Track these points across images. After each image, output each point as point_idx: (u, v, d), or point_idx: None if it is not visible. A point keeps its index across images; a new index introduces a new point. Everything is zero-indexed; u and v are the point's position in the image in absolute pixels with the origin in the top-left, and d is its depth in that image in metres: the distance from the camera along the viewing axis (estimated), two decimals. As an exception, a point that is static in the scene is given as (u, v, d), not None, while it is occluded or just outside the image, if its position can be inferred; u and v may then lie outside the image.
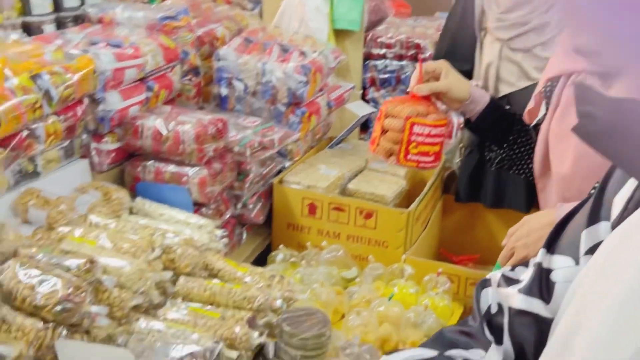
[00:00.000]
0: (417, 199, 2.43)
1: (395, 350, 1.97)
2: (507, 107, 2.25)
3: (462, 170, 2.68)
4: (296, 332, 1.72)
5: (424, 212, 2.51)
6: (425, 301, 2.12)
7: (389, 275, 2.32)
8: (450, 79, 2.05)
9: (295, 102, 2.59)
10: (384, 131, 2.08)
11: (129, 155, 2.19)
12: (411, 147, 2.03)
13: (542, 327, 0.92)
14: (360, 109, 3.03)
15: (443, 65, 2.08)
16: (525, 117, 1.97)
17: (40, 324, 1.44)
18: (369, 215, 2.40)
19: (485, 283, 1.05)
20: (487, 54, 2.42)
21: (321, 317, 1.80)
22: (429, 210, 2.60)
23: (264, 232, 2.53)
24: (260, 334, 1.71)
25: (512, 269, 1.04)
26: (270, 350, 1.75)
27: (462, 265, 2.43)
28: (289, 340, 1.73)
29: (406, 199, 2.65)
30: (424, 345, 1.00)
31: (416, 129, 2.01)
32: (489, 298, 1.01)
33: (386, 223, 2.38)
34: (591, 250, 0.85)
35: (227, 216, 2.27)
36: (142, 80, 2.22)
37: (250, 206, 2.39)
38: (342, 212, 2.43)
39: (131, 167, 2.15)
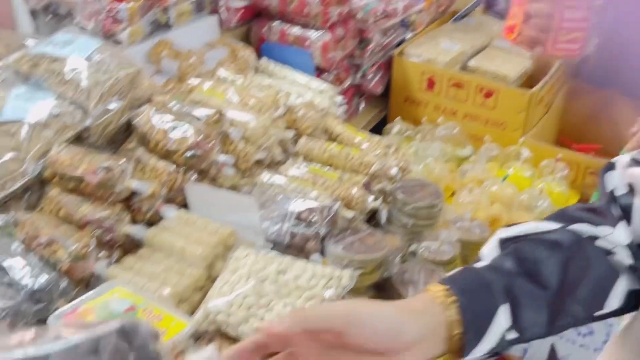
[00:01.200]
0: (542, 81, 2.33)
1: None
2: None
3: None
4: (409, 201, 1.74)
5: (547, 95, 2.41)
6: (540, 185, 2.07)
7: (505, 157, 2.27)
8: None
9: (422, -31, 2.48)
10: (527, 17, 1.94)
11: (256, 15, 2.19)
12: (561, 35, 1.87)
13: None
14: (490, -17, 2.86)
15: None
16: None
17: (172, 167, 1.52)
18: (489, 94, 2.33)
19: (611, 166, 0.99)
20: None
21: (434, 189, 1.81)
22: (553, 93, 2.48)
23: (380, 103, 2.51)
24: (375, 199, 1.74)
25: None
26: (383, 216, 1.79)
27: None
28: (401, 208, 1.76)
29: (529, 80, 2.54)
30: (547, 219, 0.96)
31: (567, 13, 1.85)
32: (615, 180, 0.96)
33: (506, 103, 2.31)
34: None
35: (347, 84, 2.27)
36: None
37: (370, 76, 2.37)
38: (461, 89, 2.37)
39: (257, 26, 2.16)
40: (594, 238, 0.91)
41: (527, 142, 2.25)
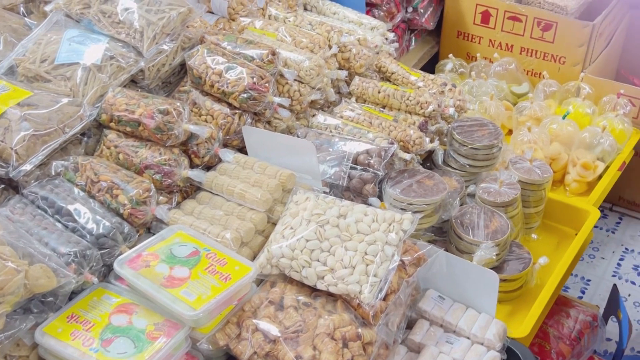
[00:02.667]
0: (605, 11, 2.21)
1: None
2: None
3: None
4: (467, 141, 1.69)
5: (609, 27, 2.30)
6: (603, 122, 2.00)
7: (564, 94, 2.19)
8: None
9: None
10: None
11: (304, -52, 2.11)
12: None
13: None
14: None
15: None
16: None
17: (228, 110, 1.50)
18: (547, 27, 2.23)
19: None
20: None
21: (493, 128, 1.75)
22: (615, 24, 2.36)
23: (432, 39, 2.43)
24: (431, 140, 1.70)
25: None
26: (439, 157, 1.75)
27: (644, 89, 2.25)
28: (458, 149, 1.71)
29: (588, 12, 2.42)
30: None
31: None
32: None
33: (566, 36, 2.21)
34: None
35: (398, 20, 2.19)
36: None
37: (421, 10, 2.28)
38: (518, 22, 2.27)
39: (305, -40, 2.08)
40: None
41: (588, 78, 2.17)
